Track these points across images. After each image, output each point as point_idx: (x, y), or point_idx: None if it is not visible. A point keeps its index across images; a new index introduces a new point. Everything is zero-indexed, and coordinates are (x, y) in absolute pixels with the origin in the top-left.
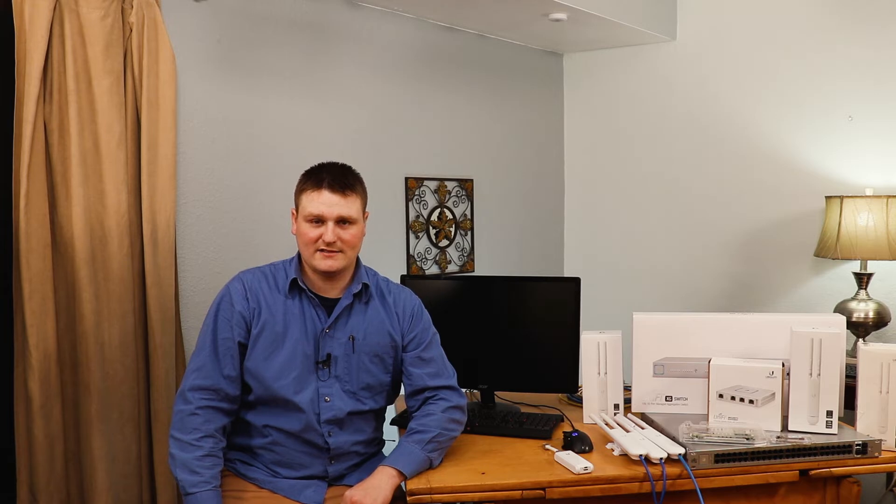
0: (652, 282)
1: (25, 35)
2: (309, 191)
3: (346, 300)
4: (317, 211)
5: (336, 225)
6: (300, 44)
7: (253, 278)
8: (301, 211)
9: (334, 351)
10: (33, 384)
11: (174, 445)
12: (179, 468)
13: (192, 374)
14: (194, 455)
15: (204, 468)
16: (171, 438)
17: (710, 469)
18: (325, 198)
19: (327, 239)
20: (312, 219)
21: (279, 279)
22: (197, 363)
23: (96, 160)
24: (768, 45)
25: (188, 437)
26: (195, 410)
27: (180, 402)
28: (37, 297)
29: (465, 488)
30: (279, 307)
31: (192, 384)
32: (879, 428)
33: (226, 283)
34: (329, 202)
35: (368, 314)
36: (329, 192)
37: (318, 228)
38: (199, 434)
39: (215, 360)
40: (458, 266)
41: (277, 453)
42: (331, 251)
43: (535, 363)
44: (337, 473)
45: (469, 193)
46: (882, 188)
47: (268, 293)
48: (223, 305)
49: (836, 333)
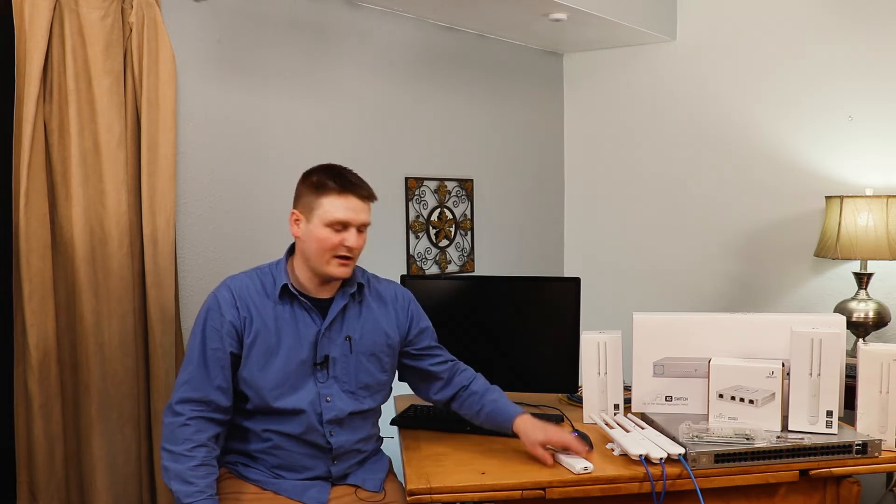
0: (652, 282)
1: (25, 35)
2: (333, 195)
3: (342, 301)
4: (345, 217)
5: (357, 231)
6: (300, 44)
7: (241, 285)
8: (321, 215)
9: (332, 352)
10: (33, 384)
11: (167, 457)
12: (174, 479)
13: (182, 387)
14: (187, 465)
15: (198, 478)
16: (162, 451)
17: (710, 469)
18: (352, 203)
19: (351, 244)
20: (336, 224)
21: (267, 284)
22: (186, 376)
23: (96, 160)
24: (768, 45)
25: (180, 448)
26: (186, 421)
27: (169, 415)
28: (37, 297)
29: (465, 488)
30: (269, 314)
31: (181, 397)
32: (879, 428)
33: (212, 291)
34: (357, 208)
35: (363, 314)
36: (357, 198)
37: (340, 234)
38: (191, 444)
39: (205, 372)
40: (458, 266)
41: (279, 457)
42: (349, 258)
43: (535, 363)
44: (340, 473)
45: (469, 193)
46: (882, 188)
47: (257, 300)
48: (211, 315)
49: (836, 333)
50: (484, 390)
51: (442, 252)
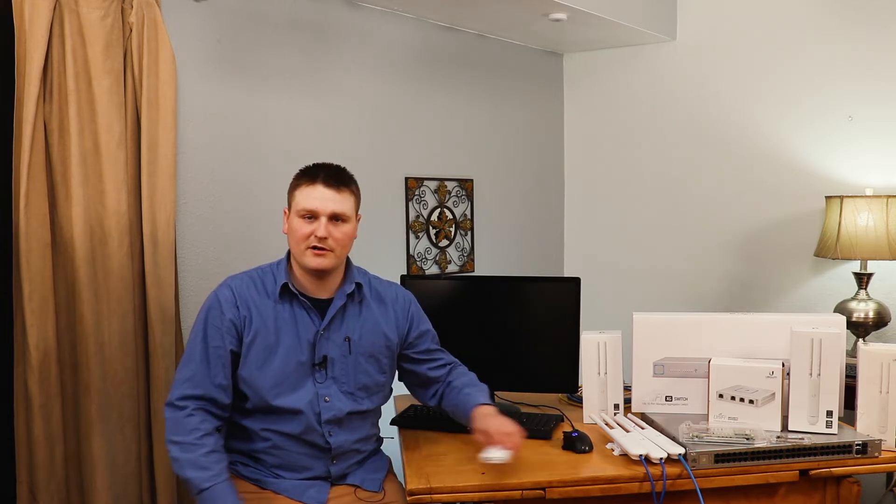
0: (652, 282)
1: (25, 35)
2: (303, 186)
3: (339, 301)
4: (311, 206)
5: (329, 221)
6: (300, 44)
7: (241, 284)
8: (294, 207)
9: (330, 353)
10: (33, 384)
11: (175, 449)
12: (187, 468)
13: (184, 384)
14: (199, 453)
15: (212, 463)
16: (169, 444)
17: (710, 469)
18: (319, 192)
19: (319, 234)
20: (305, 214)
21: (268, 284)
22: (187, 373)
23: (96, 160)
24: (768, 45)
25: (189, 438)
26: (191, 412)
27: (171, 410)
28: (37, 297)
29: (465, 488)
30: (269, 313)
31: (182, 394)
32: (879, 428)
33: (213, 290)
34: (323, 196)
35: (363, 315)
36: (324, 186)
37: (311, 224)
38: (199, 433)
39: (206, 369)
40: (458, 266)
41: (279, 456)
42: (322, 249)
43: (535, 363)
44: (339, 473)
45: (469, 193)
46: (882, 188)
47: (257, 299)
48: (212, 314)
49: (836, 333)
50: (462, 385)
51: (442, 252)
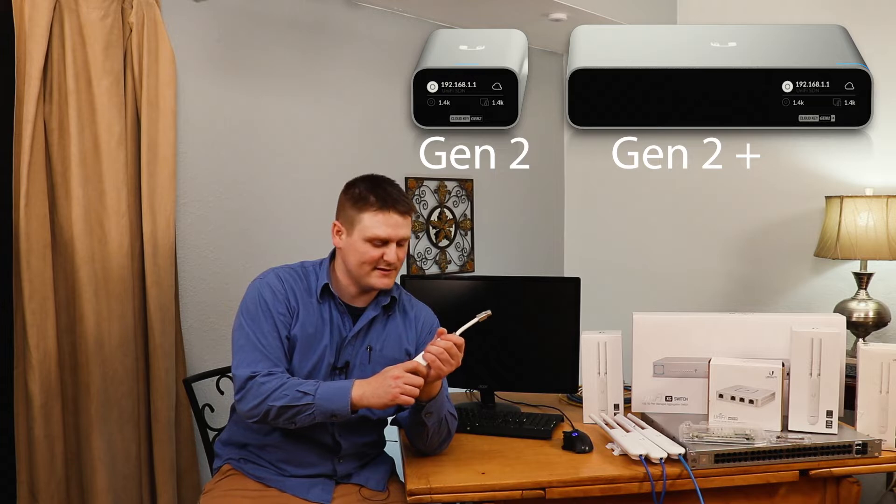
0: (652, 282)
1: (25, 35)
2: (373, 211)
3: (373, 311)
4: (384, 234)
5: (397, 246)
6: (300, 44)
7: (288, 276)
8: (360, 231)
9: (352, 359)
10: (33, 384)
11: (278, 399)
12: (290, 395)
13: (258, 363)
14: (289, 383)
15: (309, 384)
16: (267, 408)
17: (710, 469)
18: (392, 220)
19: (390, 259)
20: (377, 241)
21: (311, 282)
22: (257, 355)
23: (96, 160)
24: None
25: (273, 384)
26: (265, 376)
27: (241, 382)
28: (37, 297)
29: (465, 488)
30: (311, 311)
31: (254, 370)
32: (879, 428)
33: (259, 276)
34: (396, 224)
35: (388, 327)
36: (397, 214)
37: (380, 249)
38: (282, 380)
39: (277, 337)
40: (458, 266)
41: (285, 451)
42: (389, 270)
43: (535, 363)
44: (345, 472)
45: (469, 193)
46: (882, 188)
47: (302, 294)
48: (266, 292)
49: (836, 333)
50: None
51: (442, 252)
